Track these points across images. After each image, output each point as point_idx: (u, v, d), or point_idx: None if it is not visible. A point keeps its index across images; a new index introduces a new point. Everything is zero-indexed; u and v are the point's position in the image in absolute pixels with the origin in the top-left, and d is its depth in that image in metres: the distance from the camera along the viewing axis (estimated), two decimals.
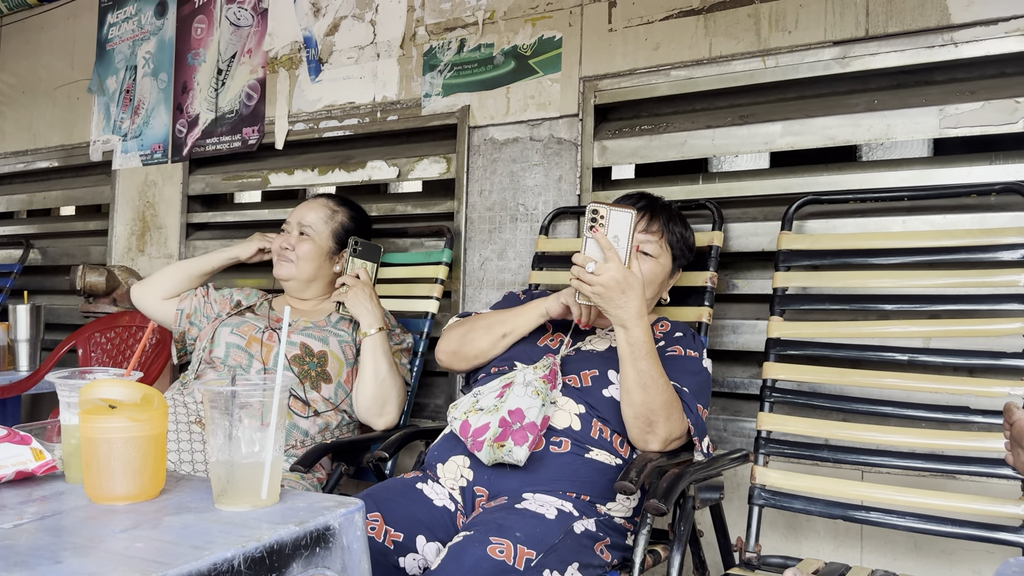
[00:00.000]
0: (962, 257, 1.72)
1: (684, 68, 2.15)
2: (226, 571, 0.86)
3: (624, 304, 1.49)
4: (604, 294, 1.49)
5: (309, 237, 2.20)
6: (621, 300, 1.49)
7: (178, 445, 1.75)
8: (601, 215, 1.51)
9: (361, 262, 2.19)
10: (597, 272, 1.48)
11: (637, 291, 1.50)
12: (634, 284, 1.49)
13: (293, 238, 2.21)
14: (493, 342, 1.76)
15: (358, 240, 2.20)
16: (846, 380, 1.76)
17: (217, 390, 1.05)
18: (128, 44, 3.41)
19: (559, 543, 1.41)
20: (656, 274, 1.77)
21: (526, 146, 2.39)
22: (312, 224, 2.21)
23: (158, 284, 2.27)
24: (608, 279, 1.48)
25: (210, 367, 2.01)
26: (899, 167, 1.94)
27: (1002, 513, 1.53)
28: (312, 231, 2.21)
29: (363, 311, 2.04)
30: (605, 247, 1.49)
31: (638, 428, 1.55)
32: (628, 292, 1.49)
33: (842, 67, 1.96)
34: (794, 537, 1.94)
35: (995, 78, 1.87)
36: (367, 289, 2.08)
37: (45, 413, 3.27)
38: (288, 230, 2.23)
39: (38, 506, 1.03)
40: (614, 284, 1.48)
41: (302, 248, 2.19)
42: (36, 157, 3.74)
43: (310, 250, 2.20)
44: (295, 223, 2.23)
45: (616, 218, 1.51)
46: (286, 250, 2.20)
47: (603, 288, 1.48)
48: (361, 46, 2.74)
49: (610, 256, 1.49)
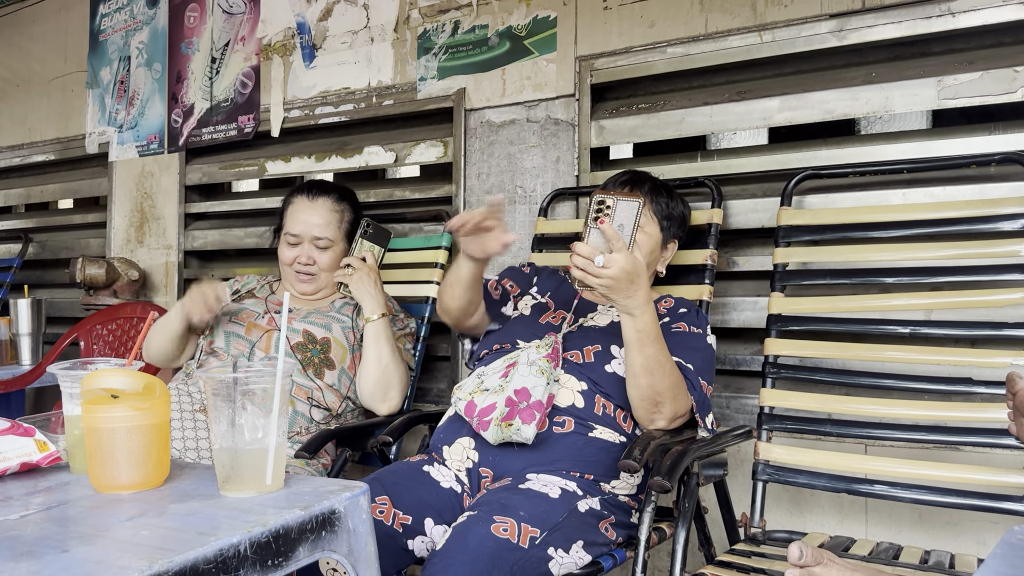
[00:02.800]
0: (963, 228, 1.71)
1: (680, 45, 2.14)
2: (232, 556, 0.86)
3: (633, 293, 1.47)
4: (614, 286, 1.46)
5: (328, 249, 2.13)
6: (631, 290, 1.46)
7: (183, 433, 1.75)
8: (608, 204, 1.46)
9: (369, 245, 2.14)
10: (606, 264, 1.44)
11: (644, 278, 1.48)
12: (641, 272, 1.47)
13: (313, 252, 2.11)
14: (449, 294, 1.75)
15: (370, 222, 2.14)
16: (848, 354, 1.76)
17: (219, 377, 1.05)
18: (121, 35, 3.39)
19: (563, 521, 1.41)
20: (644, 244, 1.76)
21: (523, 128, 2.38)
22: (328, 235, 2.12)
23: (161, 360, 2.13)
24: (618, 271, 1.44)
25: (213, 356, 2.01)
26: (898, 139, 1.94)
27: (1006, 483, 1.53)
28: (329, 241, 2.12)
29: (366, 296, 2.02)
30: (612, 237, 1.45)
31: (644, 409, 1.55)
32: (636, 281, 1.46)
33: (839, 40, 1.95)
34: (798, 512, 1.94)
35: (993, 48, 1.85)
36: (372, 274, 2.05)
37: (49, 407, 3.28)
38: (299, 242, 2.11)
39: (44, 497, 1.03)
40: (624, 275, 1.44)
41: (324, 260, 2.12)
42: (32, 151, 3.73)
43: (332, 260, 2.13)
44: (307, 236, 2.11)
45: (623, 207, 1.47)
46: (307, 266, 2.11)
47: (613, 280, 1.45)
48: (355, 31, 2.73)
49: (618, 247, 1.45)
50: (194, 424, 1.78)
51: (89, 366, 1.20)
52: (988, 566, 0.68)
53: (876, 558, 1.52)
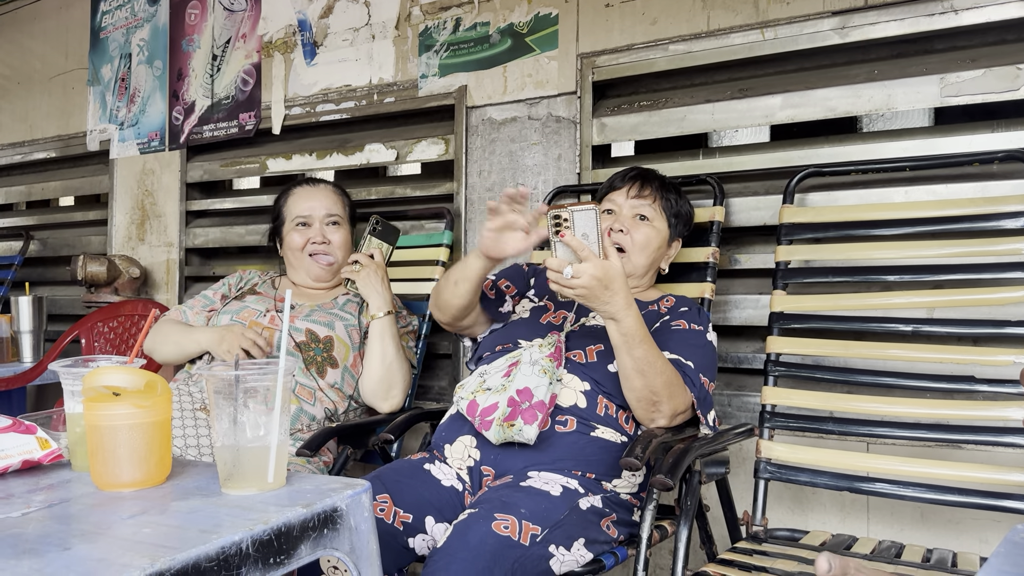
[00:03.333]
0: (965, 226, 1.71)
1: (682, 42, 2.14)
2: (234, 554, 0.86)
3: (610, 299, 1.46)
4: (588, 295, 1.46)
5: (340, 225, 2.16)
6: (606, 296, 1.46)
7: (183, 431, 1.75)
8: (564, 218, 1.46)
9: (378, 242, 2.11)
10: (576, 275, 1.44)
11: (620, 282, 1.47)
12: (615, 276, 1.46)
13: (325, 231, 2.14)
14: (451, 291, 1.72)
15: (379, 219, 2.12)
16: (850, 352, 1.76)
17: (221, 375, 1.05)
18: (122, 32, 3.39)
19: (564, 519, 1.41)
20: (651, 239, 1.77)
21: (524, 125, 2.38)
22: (339, 213, 2.16)
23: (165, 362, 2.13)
24: (589, 279, 1.44)
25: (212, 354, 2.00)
26: (900, 137, 1.93)
27: (1008, 481, 1.53)
28: (340, 218, 2.16)
29: (373, 293, 2.02)
30: (577, 248, 1.45)
31: (643, 409, 1.55)
32: (612, 286, 1.45)
33: (841, 37, 1.95)
34: (800, 510, 1.94)
35: (996, 45, 1.85)
36: (380, 271, 2.04)
37: (50, 404, 3.28)
38: (310, 223, 2.14)
39: (45, 494, 1.03)
40: (595, 283, 1.44)
41: (337, 238, 2.14)
42: (33, 148, 3.73)
43: (345, 237, 2.15)
44: (318, 215, 2.14)
45: (580, 217, 1.47)
46: (324, 244, 2.13)
47: (585, 289, 1.45)
48: (356, 28, 2.72)
49: (584, 255, 1.45)
50: (195, 422, 1.78)
51: (90, 363, 1.20)
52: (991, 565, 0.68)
53: (878, 557, 1.52)
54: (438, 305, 1.80)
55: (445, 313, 1.79)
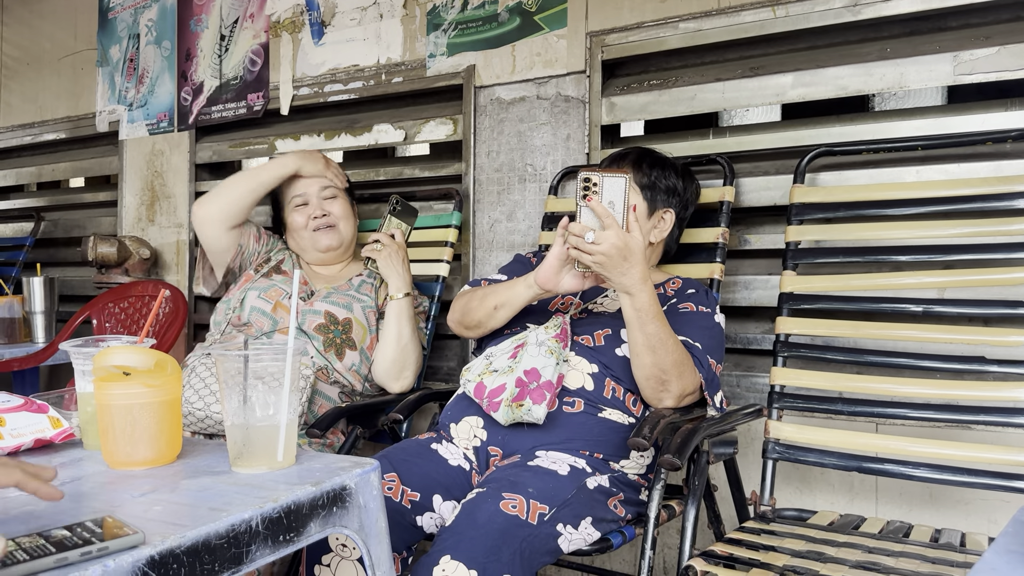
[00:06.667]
0: (977, 206, 1.70)
1: (693, 20, 2.11)
2: (244, 532, 0.87)
3: (627, 271, 1.46)
4: (606, 263, 1.45)
5: (336, 198, 2.15)
6: (624, 267, 1.45)
7: (204, 401, 1.75)
8: (594, 182, 1.46)
9: (397, 222, 2.10)
10: (597, 241, 1.43)
11: (639, 256, 1.46)
12: (635, 249, 1.45)
13: (323, 204, 2.13)
14: (488, 313, 1.71)
15: (399, 199, 2.11)
16: (860, 333, 1.76)
17: (230, 354, 1.05)
18: (130, 12, 3.38)
19: (572, 498, 1.42)
20: None
21: (533, 105, 2.37)
22: (332, 181, 2.14)
23: (227, 211, 2.09)
24: (609, 247, 1.44)
25: (237, 330, 2.01)
26: (913, 116, 1.91)
27: (1018, 461, 1.53)
28: (335, 189, 2.14)
29: (393, 273, 2.01)
30: (602, 214, 1.44)
31: (651, 388, 1.55)
32: (630, 258, 1.45)
33: (853, 15, 1.92)
34: (808, 490, 1.94)
35: (1010, 22, 1.82)
36: (401, 252, 2.04)
37: (62, 384, 3.30)
38: (306, 201, 2.14)
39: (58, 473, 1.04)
40: (615, 252, 1.44)
41: (336, 209, 2.13)
42: (43, 129, 3.74)
43: (346, 206, 2.14)
44: (313, 191, 2.14)
45: (610, 184, 1.46)
46: (324, 217, 2.12)
47: (604, 257, 1.44)
48: (363, 7, 2.71)
49: (608, 223, 1.44)
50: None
51: (101, 343, 1.21)
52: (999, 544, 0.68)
53: (886, 537, 1.52)
54: (466, 324, 1.77)
55: (472, 332, 1.77)
